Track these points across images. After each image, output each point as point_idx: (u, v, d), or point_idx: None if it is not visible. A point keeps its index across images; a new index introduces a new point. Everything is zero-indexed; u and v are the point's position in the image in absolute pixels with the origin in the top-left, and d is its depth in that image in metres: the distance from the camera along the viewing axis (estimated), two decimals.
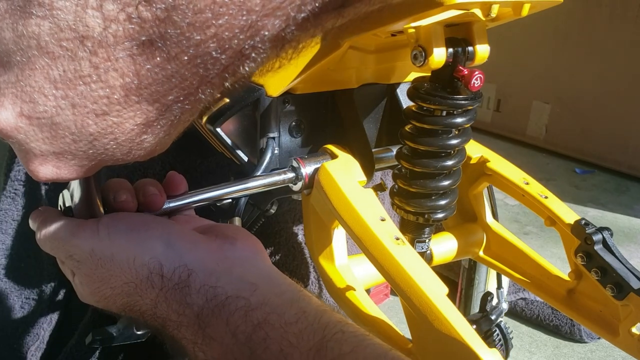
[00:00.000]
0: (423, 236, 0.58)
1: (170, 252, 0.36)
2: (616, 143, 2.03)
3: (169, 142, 0.32)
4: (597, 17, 2.01)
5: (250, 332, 0.32)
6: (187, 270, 0.35)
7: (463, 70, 0.49)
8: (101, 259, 0.35)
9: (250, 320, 0.33)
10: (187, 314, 0.34)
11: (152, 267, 0.35)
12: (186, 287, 0.34)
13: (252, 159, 0.61)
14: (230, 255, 0.37)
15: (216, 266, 0.36)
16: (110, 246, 0.35)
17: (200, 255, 0.36)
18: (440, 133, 0.53)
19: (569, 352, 1.17)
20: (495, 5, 0.47)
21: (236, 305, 0.33)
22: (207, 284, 0.34)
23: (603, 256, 0.54)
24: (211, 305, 0.34)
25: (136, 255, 0.35)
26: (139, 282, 0.35)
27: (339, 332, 0.32)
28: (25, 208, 0.99)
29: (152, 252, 0.35)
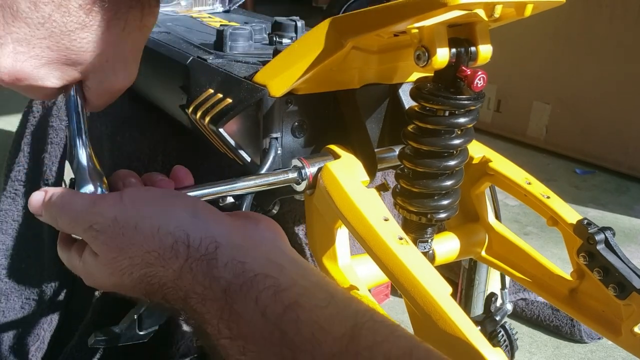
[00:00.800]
0: (425, 236, 0.58)
1: (197, 222, 0.35)
2: (616, 143, 2.03)
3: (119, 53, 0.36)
4: (597, 17, 2.01)
5: (281, 312, 0.32)
6: (215, 243, 0.34)
7: (466, 71, 0.50)
8: (124, 226, 0.35)
9: (280, 300, 0.32)
10: (214, 287, 0.33)
11: (178, 236, 0.34)
12: (213, 259, 0.34)
13: (255, 159, 0.61)
14: (255, 234, 0.37)
15: (243, 242, 0.35)
16: (134, 214, 0.35)
17: (227, 229, 0.35)
18: (443, 133, 0.53)
19: (569, 352, 1.17)
20: (498, 6, 0.47)
21: (265, 283, 0.33)
22: (235, 259, 0.34)
23: (605, 256, 0.54)
24: (239, 281, 0.33)
25: (161, 224, 0.34)
26: (163, 251, 0.34)
27: (370, 320, 0.31)
28: (25, 208, 0.99)
29: (178, 222, 0.35)
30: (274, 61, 0.58)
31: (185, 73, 0.68)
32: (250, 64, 0.65)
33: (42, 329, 0.96)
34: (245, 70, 0.63)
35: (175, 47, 0.74)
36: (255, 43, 0.74)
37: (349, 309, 0.32)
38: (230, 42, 0.71)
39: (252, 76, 0.59)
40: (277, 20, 0.77)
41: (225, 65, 0.65)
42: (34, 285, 0.97)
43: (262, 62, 0.64)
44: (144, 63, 0.41)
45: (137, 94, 0.86)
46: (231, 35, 0.71)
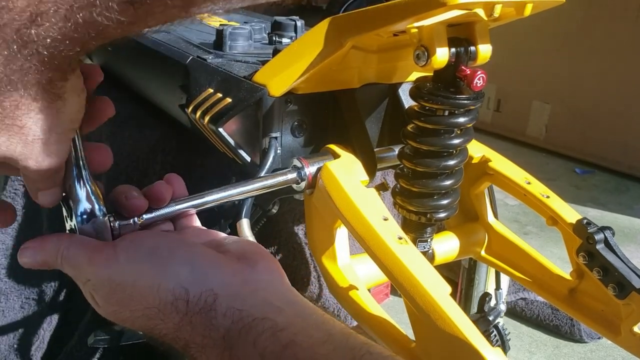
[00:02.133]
0: (425, 236, 0.58)
1: (195, 276, 0.35)
2: (616, 143, 2.03)
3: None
4: (597, 17, 2.01)
5: (279, 352, 0.32)
6: (213, 295, 0.35)
7: (465, 70, 0.50)
8: (121, 284, 0.35)
9: (278, 340, 0.33)
10: (213, 336, 0.34)
11: (178, 294, 0.35)
12: (212, 310, 0.34)
13: (255, 158, 0.61)
14: (253, 278, 0.37)
15: (241, 289, 0.36)
16: (131, 271, 0.35)
17: (226, 279, 0.36)
18: (443, 133, 0.53)
19: (569, 352, 1.17)
20: (498, 6, 0.47)
21: (263, 326, 0.33)
22: (233, 307, 0.34)
23: (605, 255, 0.54)
24: (238, 327, 0.34)
25: (161, 283, 0.35)
26: (162, 307, 0.35)
27: (366, 353, 0.32)
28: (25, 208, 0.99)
29: (178, 278, 0.35)
30: (274, 61, 0.58)
31: (185, 72, 0.68)
32: (249, 64, 0.65)
33: (41, 329, 0.96)
34: (245, 70, 0.62)
35: (175, 46, 0.74)
36: (254, 42, 0.74)
37: (346, 345, 0.33)
38: (229, 41, 0.71)
39: (251, 76, 0.59)
40: (276, 20, 0.77)
41: (225, 64, 0.65)
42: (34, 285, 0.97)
43: (262, 62, 0.64)
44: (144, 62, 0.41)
45: (136, 93, 0.86)
46: (231, 35, 0.71)
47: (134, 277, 0.35)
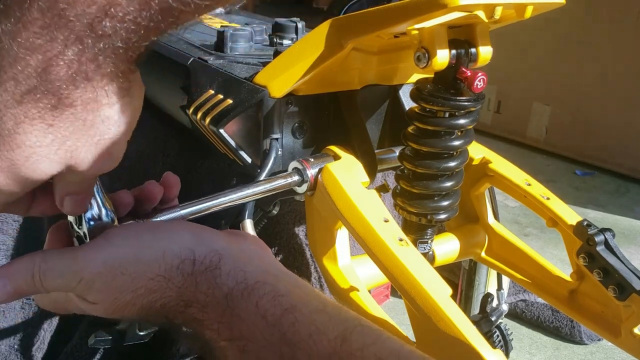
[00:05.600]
0: (425, 237, 0.58)
1: (199, 239, 0.36)
2: (616, 145, 2.03)
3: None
4: (597, 19, 2.01)
5: (280, 315, 0.33)
6: (218, 255, 0.36)
7: (466, 72, 0.50)
8: (120, 265, 0.35)
9: (280, 304, 0.34)
10: (216, 294, 0.34)
11: (185, 255, 0.35)
12: (217, 269, 0.35)
13: (256, 160, 0.61)
14: (247, 249, 0.38)
15: (241, 253, 0.37)
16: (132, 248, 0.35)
17: (227, 244, 0.37)
18: (443, 134, 0.53)
19: (569, 353, 1.17)
20: (498, 7, 0.47)
21: (265, 289, 0.34)
22: (237, 267, 0.35)
23: (605, 257, 0.55)
24: (240, 288, 0.35)
25: (166, 249, 0.35)
26: (167, 273, 0.35)
27: (359, 325, 0.33)
28: None
29: (182, 242, 0.36)
30: (275, 62, 0.58)
31: (186, 74, 0.68)
32: (250, 65, 0.65)
33: (42, 329, 0.96)
34: (246, 72, 0.63)
35: (176, 47, 0.74)
36: (255, 44, 0.74)
37: (339, 316, 0.34)
38: (230, 43, 0.71)
39: (252, 77, 0.59)
40: (277, 22, 0.78)
41: (226, 66, 0.65)
42: None
43: (263, 63, 0.64)
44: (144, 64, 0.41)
45: None
46: (232, 37, 0.71)
47: (135, 252, 0.35)
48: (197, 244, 0.36)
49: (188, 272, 0.35)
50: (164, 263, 0.35)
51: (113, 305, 0.36)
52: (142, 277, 0.35)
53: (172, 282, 0.35)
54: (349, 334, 0.32)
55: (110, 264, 0.35)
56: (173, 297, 0.35)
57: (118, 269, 0.35)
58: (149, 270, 0.35)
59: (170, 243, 0.36)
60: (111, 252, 0.35)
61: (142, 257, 0.35)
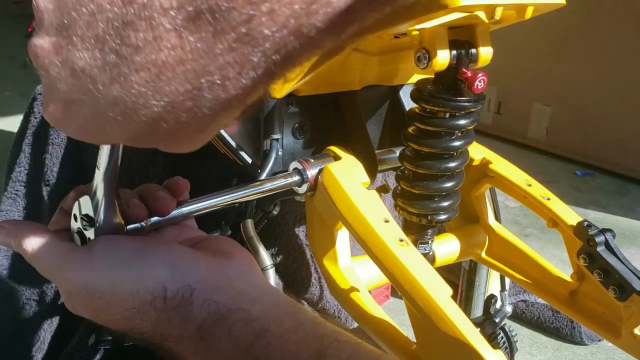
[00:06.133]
0: (426, 237, 0.58)
1: (173, 274, 0.36)
2: (617, 145, 2.03)
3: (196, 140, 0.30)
4: (598, 19, 2.01)
5: (252, 340, 0.33)
6: (190, 290, 0.36)
7: (466, 73, 0.50)
8: (98, 291, 0.35)
9: (252, 329, 0.34)
10: (189, 328, 0.35)
11: (156, 293, 0.35)
12: (189, 304, 0.35)
13: (256, 160, 0.61)
14: (229, 271, 0.38)
15: (217, 282, 0.36)
16: (108, 277, 0.35)
17: (203, 274, 0.37)
18: (444, 135, 0.53)
19: (569, 354, 1.17)
20: (499, 8, 0.47)
21: (237, 316, 0.34)
22: (210, 299, 0.35)
23: (605, 257, 0.55)
24: (213, 318, 0.35)
25: (139, 287, 0.35)
26: (141, 307, 0.35)
27: (334, 340, 0.33)
28: (26, 209, 0.99)
29: (156, 278, 0.36)
30: None
31: None
32: None
33: (42, 329, 0.96)
34: None
35: None
36: None
37: (315, 333, 0.34)
38: None
39: None
40: None
41: None
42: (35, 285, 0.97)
43: None
44: None
45: None
46: None
47: (111, 284, 0.35)
48: (171, 278, 0.36)
49: (160, 308, 0.35)
50: (138, 298, 0.35)
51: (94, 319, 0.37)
52: (117, 306, 0.35)
53: (146, 315, 0.35)
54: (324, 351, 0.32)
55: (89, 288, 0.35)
56: (149, 329, 0.36)
57: (95, 293, 0.35)
58: (124, 302, 0.35)
59: (143, 280, 0.36)
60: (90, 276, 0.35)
61: (117, 289, 0.35)
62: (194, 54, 0.23)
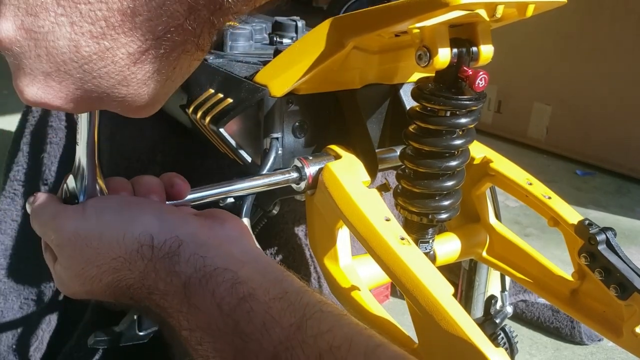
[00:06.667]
0: (427, 237, 0.58)
1: (162, 224, 0.36)
2: (617, 145, 2.03)
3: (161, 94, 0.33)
4: (598, 19, 2.01)
5: (235, 304, 0.33)
6: (178, 241, 0.36)
7: (467, 71, 0.49)
8: (87, 238, 0.36)
9: (236, 292, 0.34)
10: (175, 282, 0.35)
11: (143, 240, 0.35)
12: (176, 255, 0.35)
13: (256, 159, 0.61)
14: (220, 234, 0.38)
15: (207, 240, 0.36)
16: (98, 225, 0.36)
17: (192, 229, 0.37)
18: (445, 133, 0.53)
19: (569, 354, 1.17)
20: (500, 6, 0.47)
21: (223, 277, 0.34)
22: (197, 254, 0.35)
23: (607, 256, 0.54)
24: (199, 275, 0.34)
25: (126, 232, 0.35)
26: (128, 255, 0.35)
27: (318, 311, 0.33)
28: (24, 208, 0.99)
29: (144, 227, 0.36)
30: (275, 61, 0.58)
31: None
32: (250, 64, 0.65)
33: (40, 329, 0.96)
34: (246, 70, 0.62)
35: None
36: (255, 43, 0.74)
37: (299, 302, 0.34)
38: (230, 42, 0.70)
39: (252, 76, 0.59)
40: (277, 20, 0.77)
41: (226, 65, 0.65)
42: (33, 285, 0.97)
43: (263, 62, 0.64)
44: None
45: None
46: (231, 35, 0.71)
47: (100, 229, 0.36)
48: (159, 229, 0.36)
49: (148, 257, 0.35)
50: (124, 245, 0.35)
51: (81, 275, 0.36)
52: (105, 255, 0.36)
53: (133, 265, 0.35)
54: (305, 321, 0.32)
55: (79, 235, 0.36)
56: (136, 280, 0.35)
57: (84, 241, 0.36)
58: (111, 250, 0.35)
59: (131, 226, 0.36)
60: (81, 224, 0.36)
61: (105, 235, 0.36)
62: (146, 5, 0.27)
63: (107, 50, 0.28)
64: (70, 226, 0.36)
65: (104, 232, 0.36)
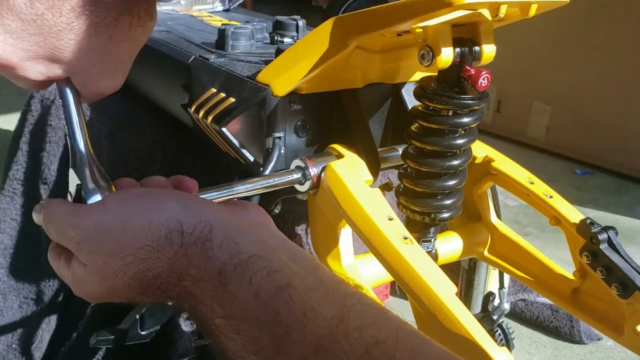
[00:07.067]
0: (429, 236, 0.58)
1: (188, 210, 0.35)
2: (617, 144, 2.04)
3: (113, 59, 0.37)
4: (598, 18, 2.01)
5: (274, 293, 0.33)
6: (209, 225, 0.35)
7: (470, 70, 0.50)
8: (110, 230, 0.35)
9: (274, 281, 0.33)
10: (209, 268, 0.34)
11: (172, 226, 0.35)
12: (208, 240, 0.34)
13: (258, 158, 0.61)
14: (246, 218, 0.38)
15: (236, 223, 0.36)
16: (120, 215, 0.35)
17: (220, 214, 0.36)
18: (447, 133, 0.53)
19: (568, 353, 1.17)
20: (503, 6, 0.47)
21: (259, 265, 0.34)
22: (230, 239, 0.34)
23: (608, 255, 0.54)
24: (234, 262, 0.34)
25: (152, 219, 0.35)
26: (156, 243, 0.34)
27: (357, 302, 0.33)
28: (23, 207, 0.99)
29: (170, 213, 0.35)
30: (277, 60, 0.58)
31: (187, 72, 0.68)
32: (252, 64, 0.65)
33: (40, 329, 0.96)
34: (248, 70, 0.62)
35: (177, 46, 0.74)
36: (256, 42, 0.74)
37: (337, 292, 0.33)
38: (232, 41, 0.70)
39: (255, 75, 0.59)
40: (278, 20, 0.77)
41: (228, 64, 0.65)
42: (33, 284, 0.97)
43: (265, 62, 0.64)
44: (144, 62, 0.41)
45: (136, 92, 0.86)
46: (233, 35, 0.71)
47: (123, 219, 0.35)
48: (186, 214, 0.35)
49: (177, 243, 0.34)
50: (151, 233, 0.34)
51: (103, 270, 0.35)
52: (130, 245, 0.35)
53: (162, 252, 0.34)
54: (347, 313, 0.32)
55: (100, 227, 0.35)
56: (165, 268, 0.34)
57: (107, 234, 0.35)
58: (136, 239, 0.35)
59: (156, 213, 0.35)
60: (103, 217, 0.35)
61: (129, 224, 0.35)
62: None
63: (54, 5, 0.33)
64: (91, 221, 0.35)
65: (127, 222, 0.35)
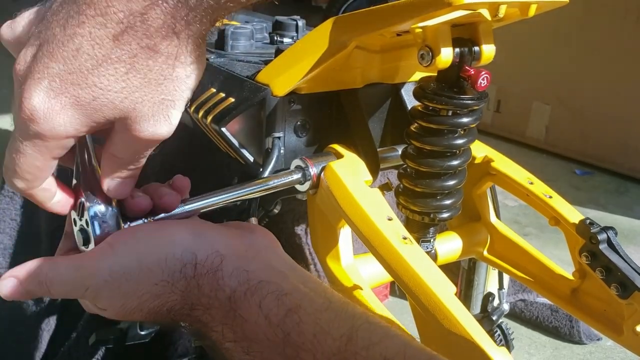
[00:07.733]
0: (428, 236, 0.58)
1: (201, 241, 0.36)
2: (616, 144, 2.04)
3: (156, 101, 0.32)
4: (598, 18, 2.01)
5: (283, 315, 0.33)
6: (220, 256, 0.35)
7: (469, 70, 0.50)
8: (126, 272, 0.34)
9: (283, 304, 0.34)
10: (219, 296, 0.34)
11: (186, 259, 0.35)
12: (219, 271, 0.35)
13: (258, 158, 0.61)
14: (254, 243, 0.38)
15: (245, 252, 0.36)
16: (133, 254, 0.35)
17: (230, 241, 0.37)
18: (446, 133, 0.53)
19: (568, 353, 1.17)
20: (502, 6, 0.47)
21: (268, 289, 0.34)
22: (240, 267, 0.35)
23: (608, 255, 0.55)
24: (243, 288, 0.34)
25: (167, 254, 0.35)
26: (170, 277, 0.35)
27: (365, 322, 0.33)
28: (23, 207, 0.99)
29: (184, 245, 0.35)
30: (277, 60, 0.58)
31: None
32: (252, 63, 0.65)
33: (39, 329, 0.96)
34: (248, 70, 0.62)
35: None
36: (256, 42, 0.74)
37: (345, 313, 0.34)
38: (231, 41, 0.70)
39: (254, 75, 0.59)
40: (278, 20, 0.77)
41: (227, 64, 0.65)
42: None
43: (264, 62, 0.64)
44: None
45: None
46: (232, 34, 0.71)
47: (139, 259, 0.35)
48: (199, 246, 0.36)
49: (190, 275, 0.35)
50: (167, 268, 0.35)
51: (121, 310, 0.36)
52: (146, 282, 0.35)
53: (175, 286, 0.35)
54: (355, 332, 0.32)
55: (115, 272, 0.34)
56: (178, 301, 0.35)
57: (123, 276, 0.35)
58: (153, 276, 0.35)
59: (171, 247, 0.35)
60: (115, 261, 0.35)
61: (144, 263, 0.35)
62: None
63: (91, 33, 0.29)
64: (104, 267, 0.34)
65: (142, 261, 0.35)
